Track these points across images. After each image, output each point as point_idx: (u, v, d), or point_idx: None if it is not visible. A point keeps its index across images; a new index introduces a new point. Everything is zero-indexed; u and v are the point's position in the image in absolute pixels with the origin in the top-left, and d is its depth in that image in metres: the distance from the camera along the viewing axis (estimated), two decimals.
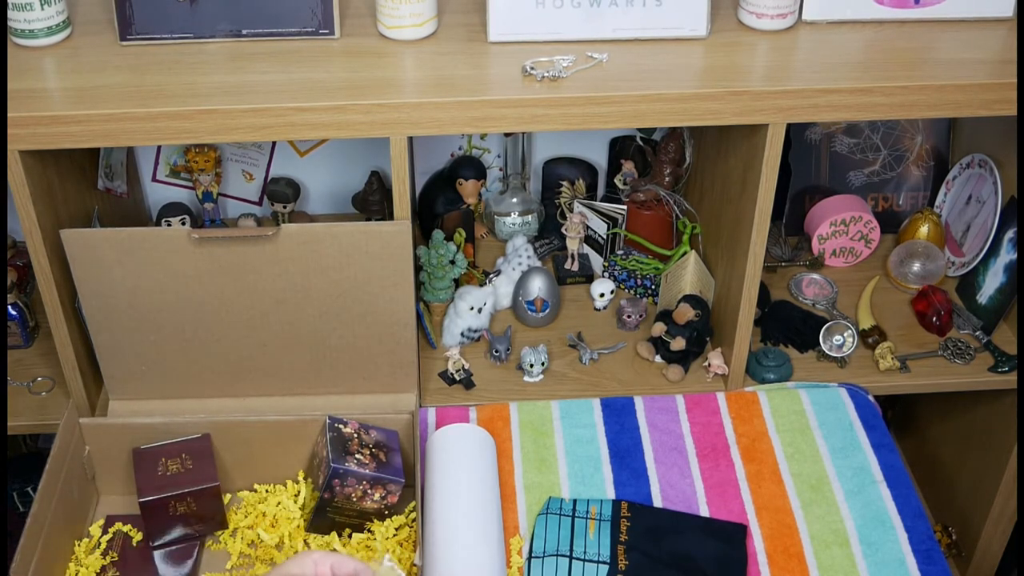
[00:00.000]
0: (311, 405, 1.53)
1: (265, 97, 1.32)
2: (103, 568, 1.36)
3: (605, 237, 1.81)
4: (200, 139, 1.33)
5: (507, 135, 1.84)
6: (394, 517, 1.39)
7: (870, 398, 1.63)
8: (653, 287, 1.78)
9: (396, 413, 1.46)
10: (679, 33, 1.44)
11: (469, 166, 1.82)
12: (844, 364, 1.67)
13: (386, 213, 1.80)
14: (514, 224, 1.87)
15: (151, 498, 1.35)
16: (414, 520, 1.39)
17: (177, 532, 1.39)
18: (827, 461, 1.51)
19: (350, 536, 1.38)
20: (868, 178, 1.90)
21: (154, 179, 1.86)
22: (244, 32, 1.43)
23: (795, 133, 1.84)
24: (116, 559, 1.37)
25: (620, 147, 1.88)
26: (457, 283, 1.73)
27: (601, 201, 1.85)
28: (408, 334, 1.50)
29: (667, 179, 1.80)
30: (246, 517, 1.42)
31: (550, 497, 1.44)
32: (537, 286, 1.70)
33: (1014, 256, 1.67)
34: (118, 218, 1.69)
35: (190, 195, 1.87)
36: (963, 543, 1.91)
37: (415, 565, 1.31)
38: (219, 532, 1.42)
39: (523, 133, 1.82)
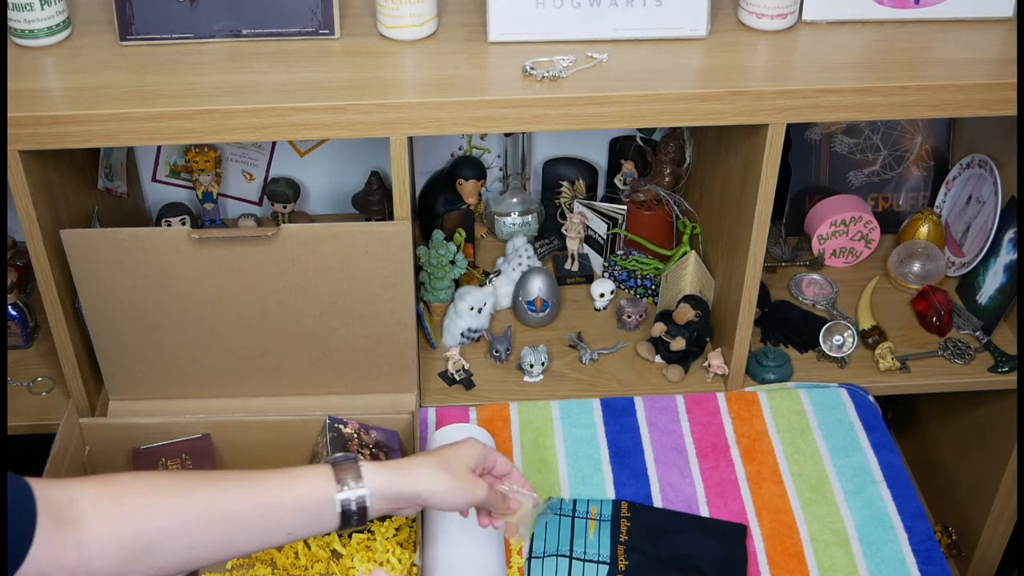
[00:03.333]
0: (311, 405, 1.53)
1: (265, 97, 1.32)
2: None
3: (605, 237, 1.81)
4: (200, 139, 1.33)
5: (507, 135, 1.84)
6: (394, 517, 1.39)
7: (870, 398, 1.63)
8: (653, 287, 1.78)
9: (396, 413, 1.46)
10: (679, 33, 1.44)
11: (469, 166, 1.82)
12: (844, 364, 1.67)
13: (386, 213, 1.80)
14: (514, 224, 1.87)
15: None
16: (414, 520, 1.39)
17: None
18: (827, 461, 1.51)
19: (350, 536, 1.38)
20: (868, 178, 1.90)
21: (154, 179, 1.86)
22: (244, 32, 1.43)
23: (795, 133, 1.84)
24: None
25: (620, 147, 1.88)
26: (457, 283, 1.73)
27: (601, 201, 1.85)
28: (408, 334, 1.50)
29: (667, 179, 1.80)
30: None
31: (550, 497, 1.44)
32: (537, 286, 1.70)
33: (1014, 256, 1.67)
34: (118, 218, 1.69)
35: (190, 195, 1.87)
36: (963, 543, 1.91)
37: (415, 565, 1.31)
38: None
39: (523, 133, 1.82)
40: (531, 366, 1.62)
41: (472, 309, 1.66)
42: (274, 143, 1.86)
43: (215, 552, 1.01)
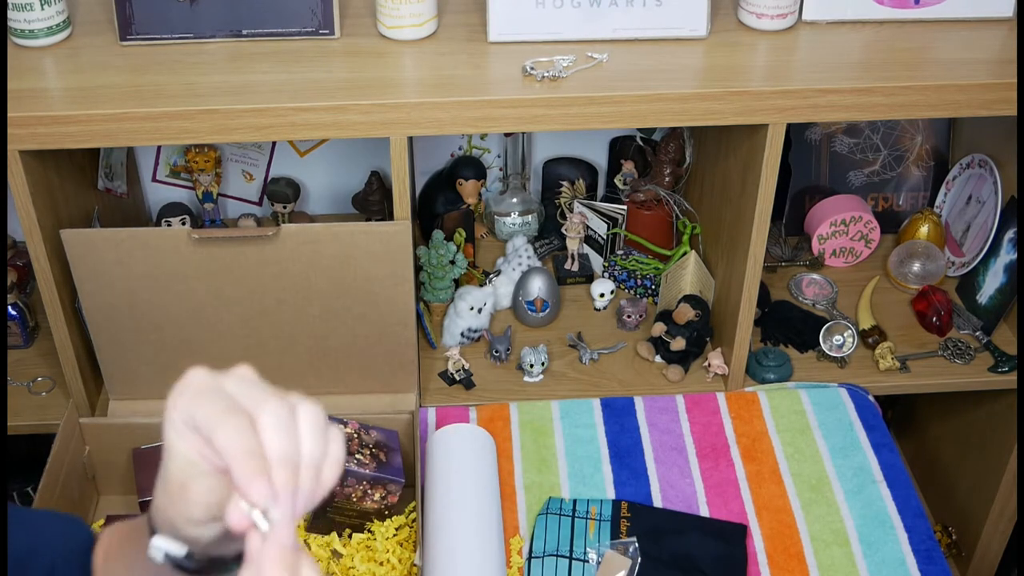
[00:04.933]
0: None
1: (265, 97, 1.32)
2: None
3: (605, 237, 1.81)
4: (200, 139, 1.33)
5: (507, 135, 1.84)
6: (394, 517, 1.39)
7: (870, 398, 1.62)
8: (653, 287, 1.78)
9: (396, 413, 1.46)
10: (679, 33, 1.44)
11: (469, 166, 1.82)
12: (844, 364, 1.67)
13: (386, 213, 1.80)
14: (514, 224, 1.87)
15: (151, 498, 1.35)
16: (414, 520, 1.39)
17: None
18: (827, 461, 1.51)
19: (350, 536, 1.38)
20: (868, 178, 1.90)
21: (154, 179, 1.86)
22: (244, 32, 1.43)
23: (795, 133, 1.84)
24: None
25: (620, 147, 1.88)
26: (457, 283, 1.73)
27: (601, 201, 1.85)
28: (408, 334, 1.50)
29: (667, 179, 1.80)
30: None
31: (550, 497, 1.44)
32: (537, 286, 1.70)
33: (1014, 256, 1.67)
34: (118, 218, 1.69)
35: (190, 195, 1.87)
36: (963, 543, 1.91)
37: (415, 565, 1.31)
38: None
39: (523, 133, 1.82)
40: (531, 366, 1.62)
41: (472, 309, 1.66)
42: (274, 143, 1.86)
43: None
